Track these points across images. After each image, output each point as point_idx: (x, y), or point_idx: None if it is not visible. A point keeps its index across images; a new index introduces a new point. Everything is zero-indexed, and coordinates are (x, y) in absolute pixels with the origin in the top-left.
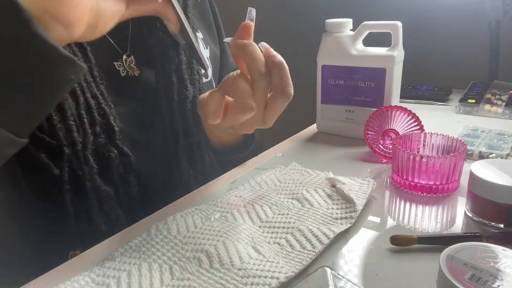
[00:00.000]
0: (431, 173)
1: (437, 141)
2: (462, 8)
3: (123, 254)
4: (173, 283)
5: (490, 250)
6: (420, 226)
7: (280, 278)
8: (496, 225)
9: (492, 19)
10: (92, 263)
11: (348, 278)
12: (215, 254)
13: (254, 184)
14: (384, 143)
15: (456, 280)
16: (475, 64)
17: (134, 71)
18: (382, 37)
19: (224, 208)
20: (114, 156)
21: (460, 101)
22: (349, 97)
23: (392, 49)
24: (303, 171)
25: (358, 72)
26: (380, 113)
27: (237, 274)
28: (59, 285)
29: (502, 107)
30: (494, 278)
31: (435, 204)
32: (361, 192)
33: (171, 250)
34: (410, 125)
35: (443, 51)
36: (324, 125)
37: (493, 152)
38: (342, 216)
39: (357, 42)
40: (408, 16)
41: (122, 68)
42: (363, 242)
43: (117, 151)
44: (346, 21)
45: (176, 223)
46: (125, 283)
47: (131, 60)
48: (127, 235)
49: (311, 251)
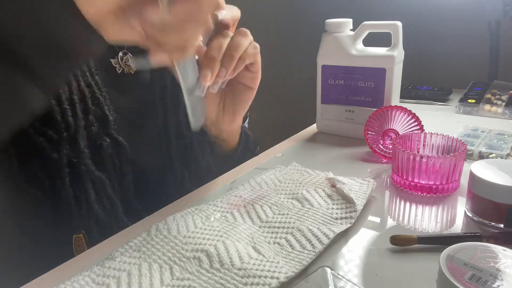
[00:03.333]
0: (431, 173)
1: (437, 141)
2: (462, 8)
3: (123, 254)
4: (173, 283)
5: (490, 250)
6: (420, 226)
7: (280, 278)
8: (496, 225)
9: (492, 19)
10: (92, 263)
11: (348, 278)
12: (215, 254)
13: (254, 184)
14: (384, 143)
15: (456, 280)
16: (475, 64)
17: (129, 68)
18: (382, 37)
19: (224, 208)
20: (106, 145)
21: (460, 101)
22: (349, 97)
23: (392, 49)
24: (303, 171)
25: (358, 72)
26: (380, 113)
27: (237, 274)
28: (59, 285)
29: (502, 107)
30: (494, 278)
31: (435, 204)
32: (361, 192)
33: (171, 250)
34: (410, 125)
35: (443, 51)
36: (324, 125)
37: (493, 152)
38: (342, 216)
39: (357, 42)
40: (408, 16)
41: (118, 65)
42: (363, 242)
43: (111, 140)
44: (346, 21)
45: (176, 223)
46: (125, 283)
47: (127, 58)
48: (127, 235)
49: (311, 251)
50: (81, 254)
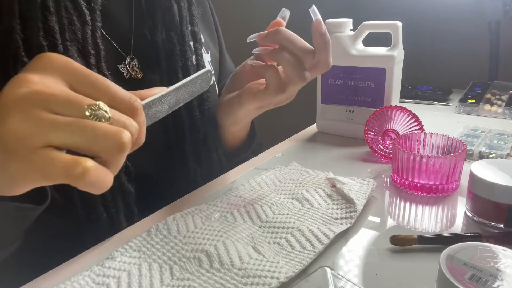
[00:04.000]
0: (431, 173)
1: (437, 141)
2: (462, 8)
3: (123, 254)
4: (173, 283)
5: (490, 250)
6: (420, 226)
7: (280, 278)
8: (496, 225)
9: (492, 19)
10: (92, 263)
11: (348, 278)
12: (215, 254)
13: (254, 184)
14: (384, 143)
15: (456, 280)
16: (475, 64)
17: (137, 73)
18: (382, 37)
19: (224, 208)
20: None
21: (460, 101)
22: (349, 97)
23: (392, 49)
24: (303, 171)
25: (358, 72)
26: (380, 113)
27: (237, 274)
28: (59, 285)
29: (502, 107)
30: (494, 278)
31: (435, 204)
32: (361, 192)
33: (171, 250)
34: (410, 125)
35: (443, 51)
36: (324, 125)
37: (493, 152)
38: (342, 216)
39: (357, 42)
40: (408, 16)
41: (125, 71)
42: (363, 242)
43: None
44: (346, 21)
45: (176, 223)
46: (125, 283)
47: (135, 63)
48: (127, 235)
49: (311, 251)
50: (81, 254)
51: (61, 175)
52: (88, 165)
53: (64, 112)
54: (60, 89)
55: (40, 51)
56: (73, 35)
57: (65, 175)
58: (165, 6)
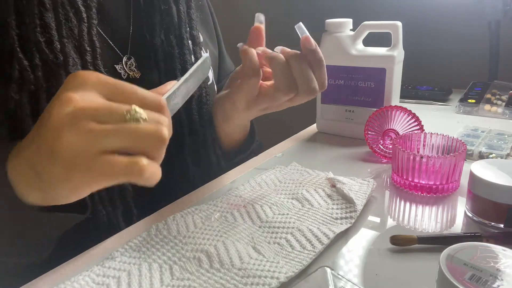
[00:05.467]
0: (431, 173)
1: (437, 141)
2: (462, 8)
3: (123, 254)
4: (173, 283)
5: (490, 250)
6: (420, 226)
7: (280, 278)
8: (496, 225)
9: (492, 19)
10: (92, 263)
11: (348, 278)
12: (215, 254)
13: (254, 184)
14: (384, 143)
15: (456, 280)
16: (475, 64)
17: (134, 73)
18: (382, 37)
19: (224, 208)
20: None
21: (460, 101)
22: (349, 97)
23: (392, 49)
24: (303, 171)
25: (358, 72)
26: (380, 113)
27: (237, 274)
28: (59, 285)
29: (502, 107)
30: (494, 278)
31: (435, 204)
32: (361, 192)
33: (171, 250)
34: (410, 125)
35: (443, 51)
36: (324, 125)
37: (493, 152)
38: (342, 216)
39: (357, 42)
40: (408, 16)
41: (123, 71)
42: (363, 242)
43: None
44: (346, 21)
45: (176, 223)
46: (125, 283)
47: (132, 63)
48: (127, 235)
49: (311, 251)
50: (81, 254)
51: (123, 175)
52: (144, 163)
53: (108, 120)
54: (99, 101)
55: (36, 47)
56: (70, 32)
57: (126, 174)
58: (164, 8)
